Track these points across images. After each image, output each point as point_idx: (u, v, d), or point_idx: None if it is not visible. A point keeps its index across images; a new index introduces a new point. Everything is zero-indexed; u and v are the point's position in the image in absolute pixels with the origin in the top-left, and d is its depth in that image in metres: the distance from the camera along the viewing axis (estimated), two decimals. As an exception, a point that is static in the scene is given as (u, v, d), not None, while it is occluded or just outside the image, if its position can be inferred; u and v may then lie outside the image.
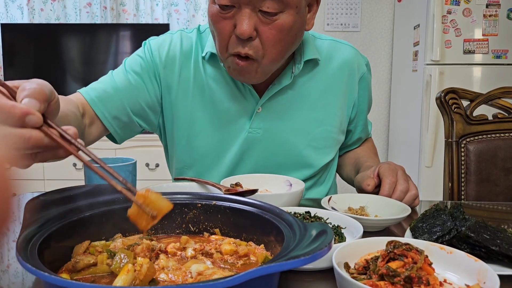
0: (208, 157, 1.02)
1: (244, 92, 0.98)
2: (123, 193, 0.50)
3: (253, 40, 0.84)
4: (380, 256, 0.53)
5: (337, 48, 1.05)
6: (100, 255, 0.52)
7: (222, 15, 0.83)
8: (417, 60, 2.75)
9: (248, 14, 0.81)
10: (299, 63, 0.97)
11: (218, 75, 0.99)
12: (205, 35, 1.02)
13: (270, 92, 0.98)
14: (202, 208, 0.62)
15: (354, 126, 1.13)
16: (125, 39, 3.02)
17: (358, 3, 3.22)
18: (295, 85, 1.00)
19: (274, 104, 0.99)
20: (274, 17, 0.82)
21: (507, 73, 2.57)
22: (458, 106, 1.22)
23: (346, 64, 1.04)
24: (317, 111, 1.02)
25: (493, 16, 2.56)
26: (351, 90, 1.06)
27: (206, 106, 1.00)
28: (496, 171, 1.20)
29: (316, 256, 0.40)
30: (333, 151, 1.07)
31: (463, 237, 0.61)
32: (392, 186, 0.86)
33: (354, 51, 1.07)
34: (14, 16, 3.11)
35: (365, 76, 1.08)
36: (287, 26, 0.83)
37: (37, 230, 0.50)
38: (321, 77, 1.02)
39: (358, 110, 1.10)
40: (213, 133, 1.01)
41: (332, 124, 1.04)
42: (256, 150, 1.01)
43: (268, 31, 0.83)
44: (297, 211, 0.72)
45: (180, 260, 0.54)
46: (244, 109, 0.99)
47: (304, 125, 1.02)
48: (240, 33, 0.81)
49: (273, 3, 0.80)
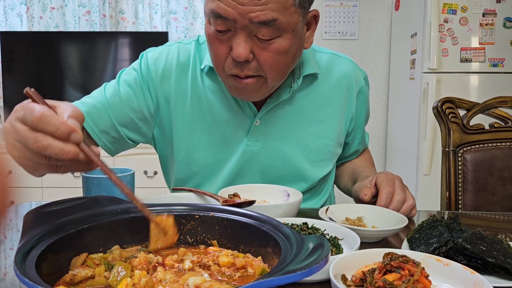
0: (206, 169, 1.02)
1: (242, 105, 0.98)
2: (147, 215, 0.58)
3: (250, 62, 0.83)
4: (377, 268, 0.53)
5: (336, 62, 1.05)
6: (97, 268, 0.52)
7: (218, 37, 0.83)
8: (414, 68, 2.77)
9: (244, 38, 0.80)
10: (298, 78, 0.97)
11: (216, 87, 0.99)
12: (204, 47, 1.02)
13: (268, 105, 0.98)
14: (199, 219, 0.63)
15: (352, 139, 1.13)
16: (124, 47, 3.04)
17: (355, 12, 3.24)
18: (293, 99, 1.00)
19: (272, 117, 1.00)
20: (270, 41, 0.81)
21: (503, 81, 2.59)
22: (455, 116, 1.22)
23: (344, 78, 1.04)
24: (315, 125, 1.02)
25: (490, 24, 2.58)
26: (349, 104, 1.06)
27: (204, 118, 1.00)
28: (493, 181, 1.21)
29: (312, 270, 0.40)
30: (330, 164, 1.07)
31: (459, 249, 0.62)
32: (389, 196, 0.87)
33: (353, 65, 1.07)
34: (13, 24, 3.12)
35: (363, 90, 1.09)
36: (284, 49, 0.83)
37: (35, 242, 0.50)
38: (320, 90, 1.02)
39: (356, 123, 1.10)
40: (212, 146, 1.01)
41: (329, 138, 1.04)
42: (254, 163, 1.01)
43: (265, 54, 0.82)
44: (294, 222, 0.72)
45: (177, 273, 0.54)
46: (242, 122, 0.99)
47: (302, 138, 1.02)
48: (236, 56, 0.81)
49: (268, 31, 0.79)
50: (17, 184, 0.31)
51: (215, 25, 0.81)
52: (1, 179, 0.28)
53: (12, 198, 0.31)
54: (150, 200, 0.81)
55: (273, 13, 0.77)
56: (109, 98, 0.99)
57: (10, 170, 0.31)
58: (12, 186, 0.30)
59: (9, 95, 2.99)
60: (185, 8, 3.19)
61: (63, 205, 0.59)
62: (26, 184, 2.74)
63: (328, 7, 3.21)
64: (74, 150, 0.53)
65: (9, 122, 0.60)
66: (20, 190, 0.32)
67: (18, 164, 0.58)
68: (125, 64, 3.04)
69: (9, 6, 3.11)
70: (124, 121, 1.00)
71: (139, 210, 0.58)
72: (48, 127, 0.52)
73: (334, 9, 3.21)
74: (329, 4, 3.21)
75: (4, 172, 0.29)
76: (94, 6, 3.12)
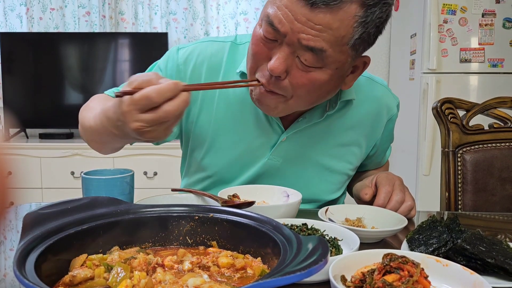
0: (222, 174, 1.00)
1: (270, 120, 0.95)
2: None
3: (282, 80, 0.79)
4: (377, 269, 0.53)
5: (372, 87, 1.02)
6: (97, 269, 0.52)
7: (263, 42, 0.80)
8: (414, 69, 2.77)
9: (286, 54, 0.77)
10: (335, 102, 0.94)
11: (247, 95, 0.93)
12: (242, 48, 0.97)
13: (299, 125, 0.95)
14: (199, 220, 0.63)
15: (370, 161, 1.11)
16: (124, 47, 3.04)
17: (355, 12, 3.24)
18: (325, 122, 0.97)
19: (300, 137, 0.96)
20: (310, 68, 0.77)
21: (503, 81, 2.59)
22: (454, 116, 1.22)
23: (377, 105, 1.01)
24: (339, 148, 1.00)
25: (489, 25, 2.58)
26: (375, 130, 1.03)
27: (230, 125, 0.97)
28: (493, 181, 1.21)
29: (312, 271, 0.40)
30: (343, 187, 1.05)
31: (459, 249, 0.62)
32: (388, 195, 0.87)
33: (387, 91, 1.04)
34: (13, 24, 3.13)
35: (394, 118, 1.06)
36: (320, 82, 0.79)
37: (35, 244, 0.50)
38: (352, 115, 0.99)
39: (378, 149, 1.08)
40: (232, 152, 0.98)
41: (350, 162, 1.02)
42: (270, 177, 0.98)
43: (300, 78, 0.79)
44: (294, 223, 0.72)
45: (177, 274, 0.54)
46: (268, 136, 0.96)
47: (323, 160, 0.99)
48: (271, 69, 0.77)
49: (312, 58, 0.76)
50: (17, 185, 0.31)
51: (265, 31, 0.78)
52: (1, 180, 0.28)
53: (12, 199, 0.31)
54: (149, 201, 0.81)
55: (324, 43, 0.74)
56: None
57: (10, 171, 0.31)
58: (12, 187, 0.30)
59: (9, 96, 2.98)
60: (185, 9, 3.19)
61: (63, 207, 0.59)
62: (26, 185, 2.74)
63: (327, 7, 3.21)
64: (188, 96, 0.63)
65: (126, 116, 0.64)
66: (20, 191, 0.32)
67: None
68: (125, 65, 3.04)
69: (9, 7, 3.12)
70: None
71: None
72: (167, 94, 0.61)
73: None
74: (328, 5, 3.21)
75: (4, 173, 0.29)
76: (93, 7, 3.12)
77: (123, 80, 3.05)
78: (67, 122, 3.01)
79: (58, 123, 3.07)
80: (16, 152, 2.74)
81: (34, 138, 3.09)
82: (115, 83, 3.06)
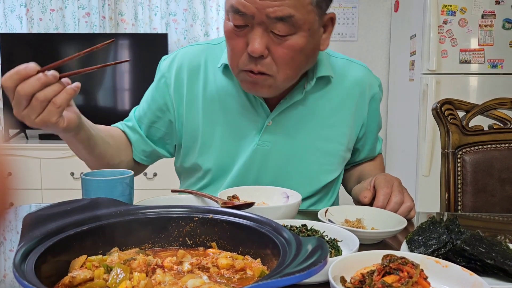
0: (217, 168, 1.03)
1: (255, 105, 0.99)
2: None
3: (265, 58, 0.85)
4: (376, 270, 0.53)
5: (351, 67, 1.06)
6: (96, 270, 0.52)
7: (235, 33, 0.85)
8: (413, 70, 2.77)
9: (260, 34, 0.82)
10: (312, 79, 0.98)
11: (230, 87, 1.00)
12: (219, 47, 1.03)
13: (281, 106, 0.98)
14: (199, 221, 0.63)
15: (362, 145, 1.12)
16: (124, 48, 3.04)
17: (355, 13, 3.25)
18: (307, 101, 1.00)
19: (285, 118, 1.00)
20: (285, 37, 0.83)
21: (503, 82, 2.59)
22: (454, 117, 1.22)
23: (358, 84, 1.04)
24: (327, 129, 1.02)
25: (489, 26, 2.58)
26: (361, 109, 1.06)
27: (216, 117, 1.01)
28: (492, 182, 1.21)
29: (311, 273, 0.40)
30: (339, 168, 1.07)
31: (458, 250, 0.62)
32: (387, 197, 0.87)
33: (367, 71, 1.08)
34: (13, 25, 3.13)
35: (376, 96, 1.08)
36: (299, 46, 0.84)
37: (35, 245, 0.50)
38: (333, 95, 1.02)
39: (367, 130, 1.10)
40: (223, 144, 1.02)
41: (340, 142, 1.04)
42: (263, 163, 1.01)
43: (280, 50, 0.84)
44: (293, 224, 0.72)
45: (176, 275, 0.54)
46: (254, 122, 1.00)
47: (313, 141, 1.02)
48: (252, 50, 0.83)
49: (284, 26, 0.81)
50: (16, 186, 0.31)
51: (234, 20, 0.84)
52: (1, 181, 0.28)
53: (11, 199, 0.31)
54: (149, 202, 0.81)
55: (290, 9, 0.80)
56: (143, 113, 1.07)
57: (10, 171, 0.31)
58: (11, 187, 0.30)
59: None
60: (185, 10, 3.19)
61: (62, 208, 0.59)
62: (26, 186, 2.74)
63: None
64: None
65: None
66: (19, 192, 0.32)
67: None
68: (124, 66, 3.04)
69: (8, 8, 3.12)
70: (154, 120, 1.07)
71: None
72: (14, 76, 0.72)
73: (333, 10, 3.21)
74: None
75: (3, 174, 0.29)
76: (93, 8, 3.13)
77: (123, 81, 3.05)
78: (67, 123, 3.01)
79: (58, 124, 3.07)
80: (16, 153, 2.74)
81: (34, 139, 3.09)
82: (115, 84, 3.06)
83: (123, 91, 3.07)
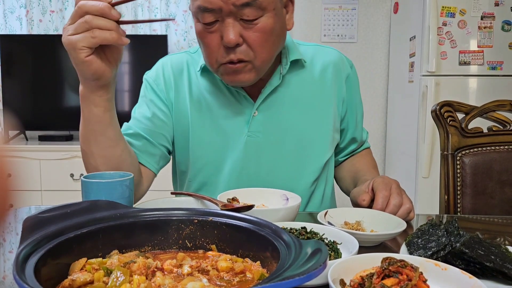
0: (211, 165, 1.06)
1: (239, 99, 1.03)
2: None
3: (241, 46, 0.89)
4: (375, 273, 0.53)
5: (321, 51, 1.11)
6: (96, 273, 0.52)
7: (208, 30, 0.90)
8: (413, 71, 2.77)
9: (231, 24, 0.87)
10: (286, 64, 1.03)
11: (212, 86, 1.04)
12: (197, 55, 1.09)
13: (263, 94, 1.02)
14: (198, 224, 0.63)
15: (346, 124, 1.15)
16: (124, 49, 3.04)
17: (354, 15, 3.25)
18: (286, 86, 1.05)
19: (269, 105, 1.03)
20: (255, 21, 0.88)
21: (502, 84, 2.60)
22: (453, 119, 1.23)
23: (330, 65, 1.09)
24: (311, 110, 1.06)
25: (488, 28, 2.59)
26: (338, 88, 1.09)
27: (204, 117, 1.04)
28: (492, 184, 1.21)
29: (311, 276, 0.40)
30: (331, 149, 1.10)
31: (457, 253, 0.62)
32: (385, 200, 0.87)
33: (338, 53, 1.12)
34: (12, 27, 3.13)
35: (351, 76, 1.12)
36: (269, 27, 0.89)
37: (35, 247, 0.50)
38: (309, 78, 1.07)
39: (348, 107, 1.13)
40: (214, 141, 1.04)
41: (326, 122, 1.07)
42: (257, 155, 1.04)
43: (253, 35, 0.89)
44: (293, 226, 0.72)
45: (176, 278, 0.54)
46: (241, 114, 1.03)
47: (301, 126, 1.05)
48: (228, 41, 0.87)
49: (251, 11, 0.86)
50: (16, 187, 0.31)
51: (204, 19, 0.87)
52: (1, 182, 0.28)
53: (11, 201, 0.31)
54: (148, 205, 0.81)
55: None
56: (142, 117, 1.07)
57: (9, 173, 0.31)
58: (11, 189, 0.30)
59: (9, 98, 2.99)
60: (184, 11, 3.20)
61: (62, 210, 0.59)
62: (25, 188, 2.74)
63: (327, 10, 3.22)
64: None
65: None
66: (19, 193, 0.32)
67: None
68: (124, 67, 3.05)
69: (8, 9, 3.12)
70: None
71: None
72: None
73: (333, 12, 3.22)
74: (328, 7, 3.22)
75: (3, 175, 0.29)
76: (93, 9, 3.13)
77: (122, 82, 3.05)
78: (67, 124, 3.02)
79: (57, 125, 3.07)
80: (15, 154, 2.74)
81: (33, 140, 3.09)
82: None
83: (122, 92, 3.07)
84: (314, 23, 3.23)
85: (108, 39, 0.75)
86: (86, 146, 0.89)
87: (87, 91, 0.84)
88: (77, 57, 0.77)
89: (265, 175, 1.04)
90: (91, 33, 0.74)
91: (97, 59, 0.78)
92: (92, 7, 0.73)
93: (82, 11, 0.74)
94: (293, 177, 1.05)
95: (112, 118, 0.87)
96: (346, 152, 1.20)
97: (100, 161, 0.89)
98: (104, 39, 0.74)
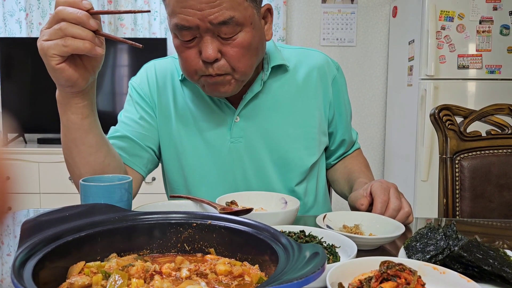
0: (196, 172, 1.06)
1: (220, 106, 1.03)
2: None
3: (220, 61, 0.89)
4: (374, 276, 0.53)
5: (307, 55, 1.10)
6: (95, 276, 0.52)
7: (186, 46, 0.90)
8: (412, 75, 2.78)
9: (209, 40, 0.87)
10: (267, 70, 1.03)
11: (194, 94, 1.05)
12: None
13: (244, 101, 1.02)
14: (197, 227, 0.63)
15: (335, 127, 1.15)
16: (123, 53, 3.05)
17: (353, 19, 3.26)
18: (268, 91, 1.05)
19: (250, 111, 1.04)
20: (233, 37, 0.88)
21: (500, 88, 2.61)
22: (452, 123, 1.23)
23: (315, 68, 1.08)
24: (293, 114, 1.06)
25: (486, 32, 2.60)
26: (324, 91, 1.09)
27: (188, 125, 1.06)
28: (490, 188, 1.21)
29: (309, 279, 0.40)
30: (317, 152, 1.09)
31: (456, 257, 0.62)
32: (384, 204, 0.87)
33: (324, 56, 1.12)
34: (12, 30, 3.13)
35: (337, 79, 1.11)
36: (247, 42, 0.89)
37: (33, 250, 0.50)
38: (293, 82, 1.06)
39: (336, 111, 1.12)
40: (197, 149, 1.05)
41: (311, 125, 1.07)
42: (241, 160, 1.05)
43: (231, 50, 0.88)
44: (292, 230, 0.72)
45: (175, 281, 0.54)
46: (223, 121, 1.04)
47: (283, 129, 1.05)
48: (206, 57, 0.87)
49: (228, 28, 0.86)
50: (15, 190, 0.31)
51: (182, 37, 0.88)
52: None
53: (10, 204, 0.31)
54: (147, 208, 0.81)
55: (229, 11, 0.84)
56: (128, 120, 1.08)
57: (8, 176, 0.31)
58: (10, 192, 0.30)
59: (8, 100, 2.99)
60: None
61: (61, 214, 0.59)
62: (24, 190, 2.74)
63: (326, 14, 3.23)
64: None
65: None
66: (18, 196, 0.32)
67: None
68: (123, 70, 3.05)
69: (8, 13, 3.12)
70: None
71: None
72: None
73: (332, 16, 3.23)
74: (327, 11, 3.23)
75: (2, 178, 0.29)
76: (93, 12, 3.13)
77: (121, 84, 3.06)
78: (66, 127, 3.01)
79: (56, 128, 3.04)
80: (14, 157, 2.74)
81: (32, 143, 3.08)
82: (114, 88, 3.06)
83: (121, 96, 3.07)
84: (313, 27, 3.24)
85: (81, 49, 0.73)
86: (68, 155, 0.91)
87: (62, 97, 0.84)
88: (48, 63, 0.76)
89: (250, 180, 1.05)
90: (63, 41, 0.73)
91: (69, 67, 0.77)
92: (70, 14, 0.72)
93: (59, 17, 0.73)
94: (277, 180, 1.06)
95: (91, 124, 0.88)
96: (337, 155, 1.20)
97: (84, 170, 0.90)
98: (76, 48, 0.73)
